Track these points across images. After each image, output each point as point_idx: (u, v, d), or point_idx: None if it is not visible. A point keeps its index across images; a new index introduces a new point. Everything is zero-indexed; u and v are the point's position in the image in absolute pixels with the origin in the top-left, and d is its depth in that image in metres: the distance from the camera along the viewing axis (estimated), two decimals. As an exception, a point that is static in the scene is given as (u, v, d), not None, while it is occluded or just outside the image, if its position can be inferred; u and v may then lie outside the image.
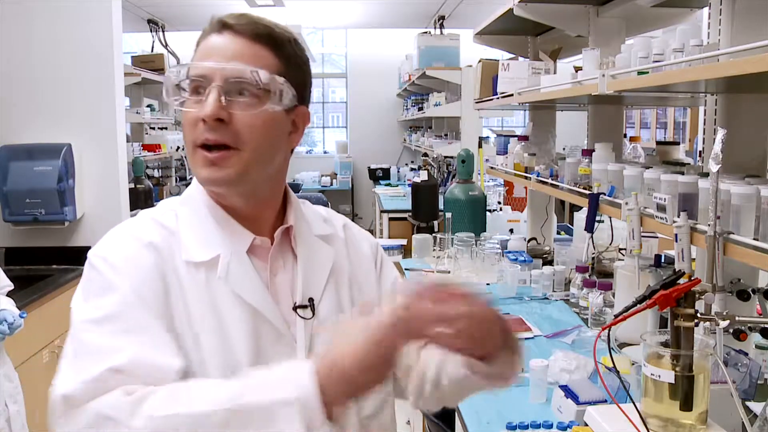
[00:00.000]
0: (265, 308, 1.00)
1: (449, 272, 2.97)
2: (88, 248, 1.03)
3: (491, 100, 3.07)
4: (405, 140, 8.66)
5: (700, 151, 2.03)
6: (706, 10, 1.69)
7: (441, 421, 2.03)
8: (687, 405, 1.14)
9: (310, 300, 1.04)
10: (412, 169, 7.63)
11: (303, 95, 1.04)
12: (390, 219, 5.56)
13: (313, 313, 1.03)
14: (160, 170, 5.63)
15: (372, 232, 8.38)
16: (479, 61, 3.32)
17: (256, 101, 0.96)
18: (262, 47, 0.98)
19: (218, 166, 0.96)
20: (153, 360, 0.89)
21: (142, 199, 4.24)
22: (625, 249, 2.49)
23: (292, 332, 1.01)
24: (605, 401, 1.42)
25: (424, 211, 4.40)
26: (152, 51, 6.02)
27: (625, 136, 2.93)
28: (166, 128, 5.94)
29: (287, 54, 1.01)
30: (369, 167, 8.52)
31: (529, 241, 3.35)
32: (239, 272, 0.99)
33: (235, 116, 0.95)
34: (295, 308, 1.02)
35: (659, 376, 1.15)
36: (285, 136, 1.03)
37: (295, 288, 1.04)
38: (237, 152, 0.96)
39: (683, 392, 1.14)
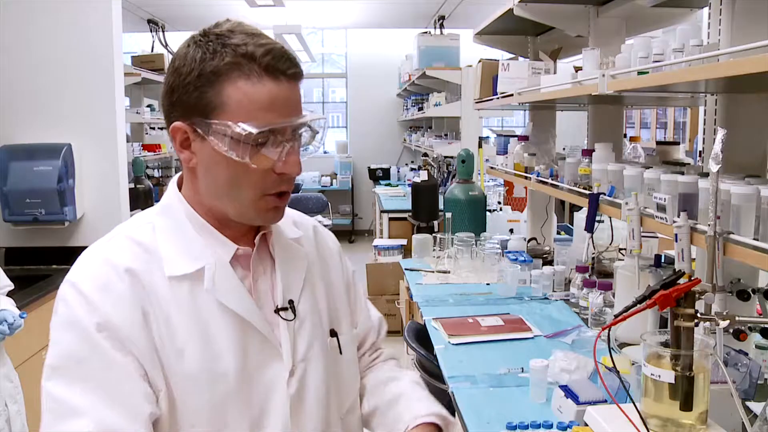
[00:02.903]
0: (252, 316, 1.01)
1: (449, 272, 2.97)
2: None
3: (491, 100, 3.07)
4: (405, 140, 8.66)
5: (700, 151, 2.03)
6: (706, 10, 1.69)
7: (441, 421, 2.03)
8: (687, 405, 1.14)
9: (290, 302, 1.06)
10: (412, 169, 7.63)
11: None
12: (390, 219, 5.57)
13: (294, 315, 1.06)
14: (160, 170, 5.64)
15: (372, 232, 8.38)
16: (479, 61, 3.32)
17: (303, 144, 1.02)
18: (300, 84, 1.01)
19: (282, 208, 1.02)
20: (114, 427, 0.89)
21: (142, 199, 4.24)
22: (625, 249, 2.49)
23: (275, 335, 1.04)
24: (605, 401, 1.42)
25: (424, 211, 4.40)
26: (152, 51, 6.02)
27: (625, 136, 2.93)
28: (165, 128, 5.94)
29: None
30: (369, 167, 8.53)
31: (529, 241, 3.35)
32: (225, 282, 1.00)
33: None
34: (276, 311, 1.05)
35: (659, 376, 1.15)
36: None
37: (275, 291, 1.06)
38: (289, 191, 1.02)
39: (683, 392, 1.14)
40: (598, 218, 2.37)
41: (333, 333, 1.13)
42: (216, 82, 0.94)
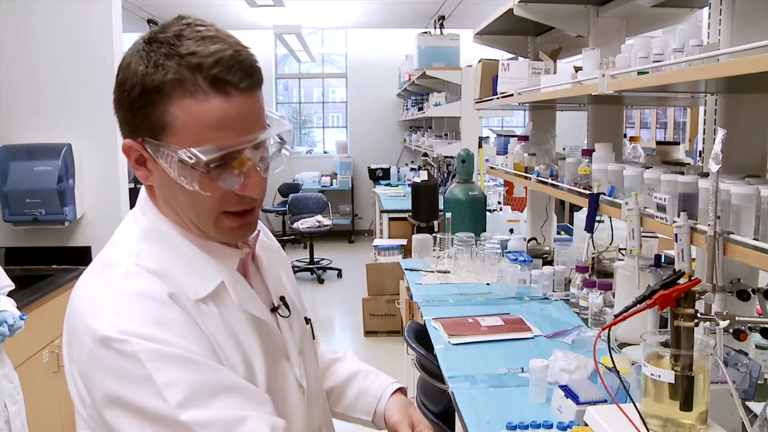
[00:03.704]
0: (267, 317, 1.01)
1: (449, 272, 2.97)
2: (88, 248, 1.00)
3: (491, 100, 3.07)
4: (405, 140, 8.67)
5: (700, 151, 2.03)
6: (706, 10, 1.69)
7: (441, 420, 2.03)
8: (687, 405, 1.14)
9: (282, 298, 1.06)
10: (412, 169, 7.64)
11: None
12: (390, 219, 5.57)
13: (289, 311, 1.06)
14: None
15: (372, 232, 8.39)
16: (479, 61, 3.32)
17: (269, 158, 0.94)
18: (259, 93, 0.91)
19: (248, 224, 0.95)
20: (274, 420, 0.88)
21: (142, 199, 4.23)
22: (625, 249, 2.49)
23: (279, 333, 1.04)
24: (605, 401, 1.42)
25: (424, 211, 4.40)
26: (152, 51, 6.01)
27: (625, 136, 2.93)
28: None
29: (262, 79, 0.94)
30: (369, 167, 8.54)
31: (529, 241, 3.35)
32: (242, 290, 0.97)
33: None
34: (273, 309, 1.04)
35: (659, 376, 1.15)
36: None
37: (269, 291, 1.06)
38: (258, 205, 0.96)
39: (683, 392, 1.14)
40: (598, 218, 2.37)
41: (307, 320, 1.15)
42: (160, 100, 0.85)
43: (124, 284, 0.87)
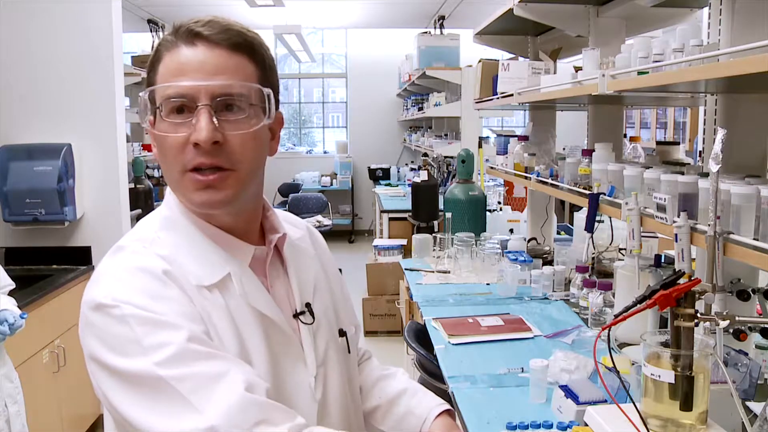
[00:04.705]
0: (278, 318, 0.99)
1: (449, 272, 2.97)
2: (88, 248, 1.02)
3: (491, 100, 3.07)
4: (405, 140, 8.67)
5: (700, 151, 2.03)
6: (706, 10, 1.69)
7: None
8: (687, 405, 1.14)
9: (307, 305, 1.05)
10: (412, 169, 7.63)
11: (278, 99, 1.00)
12: (390, 219, 5.56)
13: (313, 318, 1.04)
14: (160, 170, 5.64)
15: (372, 232, 8.38)
16: (479, 61, 3.32)
17: (245, 118, 0.92)
18: (241, 57, 0.93)
19: (215, 189, 0.91)
20: (255, 379, 0.87)
21: (142, 198, 4.24)
22: (625, 249, 2.49)
23: (297, 339, 1.02)
24: (605, 401, 1.42)
25: (424, 211, 4.40)
26: (152, 51, 6.02)
27: (625, 136, 2.93)
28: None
29: (262, 59, 0.96)
30: (369, 167, 8.54)
31: (529, 241, 3.35)
32: (250, 285, 0.97)
33: (229, 136, 0.90)
34: (295, 315, 1.03)
35: (659, 376, 1.15)
36: (267, 146, 1.00)
37: (292, 295, 1.04)
38: (233, 173, 0.92)
39: (683, 392, 1.14)
40: (598, 218, 2.37)
41: (341, 333, 1.12)
42: (155, 63, 0.94)
43: (127, 260, 0.92)
